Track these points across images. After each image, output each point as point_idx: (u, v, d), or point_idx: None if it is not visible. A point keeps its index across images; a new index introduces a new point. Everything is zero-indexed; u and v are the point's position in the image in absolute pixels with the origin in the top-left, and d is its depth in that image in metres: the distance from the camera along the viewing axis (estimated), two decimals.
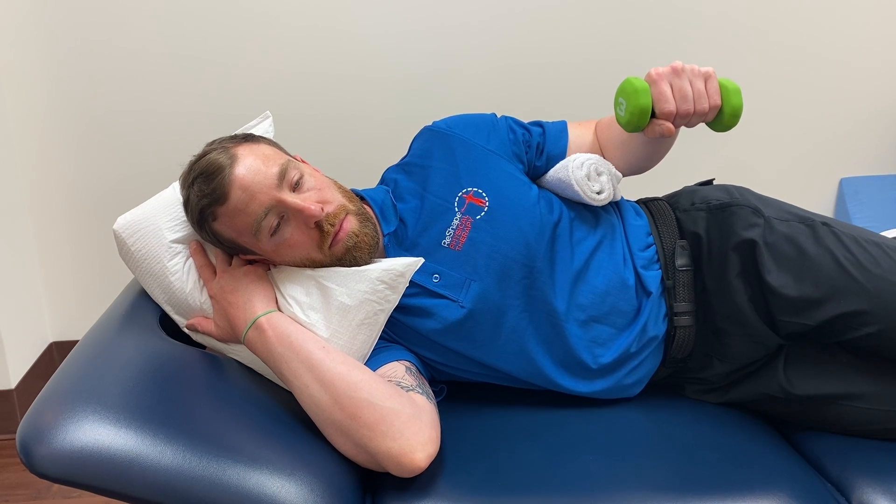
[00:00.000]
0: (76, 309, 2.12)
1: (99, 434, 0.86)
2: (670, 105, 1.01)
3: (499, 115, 1.29)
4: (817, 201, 2.24)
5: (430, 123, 1.27)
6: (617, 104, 1.05)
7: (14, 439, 1.90)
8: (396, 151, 1.34)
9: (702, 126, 1.99)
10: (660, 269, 1.19)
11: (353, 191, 1.23)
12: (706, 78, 1.02)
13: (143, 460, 0.86)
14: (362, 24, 1.89)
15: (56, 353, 2.15)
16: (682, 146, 2.05)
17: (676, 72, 1.01)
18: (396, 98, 1.97)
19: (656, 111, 1.02)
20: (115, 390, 0.93)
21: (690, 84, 1.01)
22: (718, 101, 1.02)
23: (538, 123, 1.29)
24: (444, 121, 1.26)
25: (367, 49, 1.92)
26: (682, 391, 1.23)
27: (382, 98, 1.97)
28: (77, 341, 2.07)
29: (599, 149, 1.28)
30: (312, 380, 0.99)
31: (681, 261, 1.18)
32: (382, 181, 1.28)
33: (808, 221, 1.14)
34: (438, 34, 1.92)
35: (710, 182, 1.29)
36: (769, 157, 2.16)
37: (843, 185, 2.25)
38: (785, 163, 2.18)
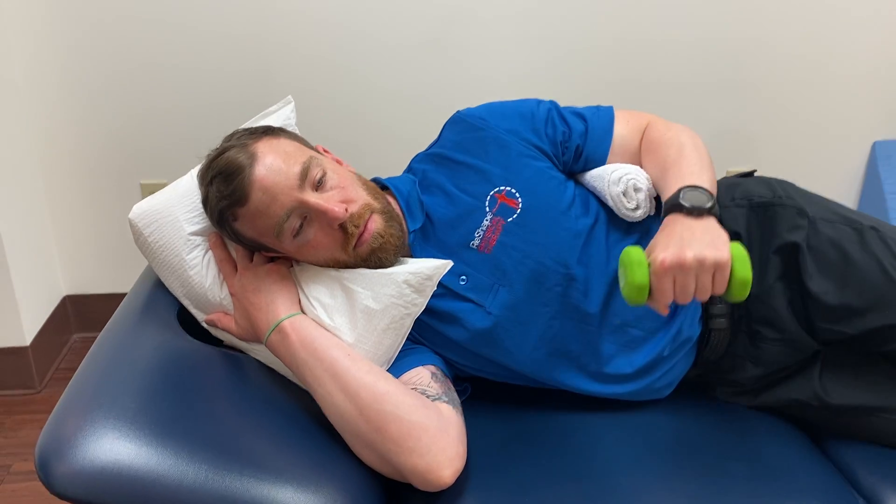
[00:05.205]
0: (89, 261, 2.11)
1: (119, 452, 0.84)
2: (667, 300, 0.91)
3: (544, 101, 1.21)
4: (848, 164, 2.20)
5: (464, 109, 1.20)
6: (619, 271, 0.96)
7: (31, 395, 1.92)
8: (423, 131, 1.29)
9: (725, 98, 1.96)
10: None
11: (378, 180, 1.18)
12: (716, 270, 0.90)
13: (165, 480, 0.84)
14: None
15: (70, 306, 2.14)
16: (715, 106, 2.02)
17: (683, 268, 0.89)
18: (420, 72, 1.94)
19: (653, 301, 0.92)
20: (135, 403, 0.90)
21: (696, 278, 0.90)
22: (722, 291, 0.91)
23: (582, 117, 1.20)
24: (479, 109, 1.19)
25: (390, 23, 1.88)
26: (712, 391, 1.20)
27: (406, 72, 1.94)
28: (91, 295, 2.08)
29: (640, 158, 1.19)
30: (337, 389, 0.96)
31: None
32: (410, 170, 1.22)
33: (855, 224, 1.08)
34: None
35: (750, 174, 1.23)
36: (800, 118, 2.10)
37: (877, 148, 2.18)
38: (816, 124, 2.12)
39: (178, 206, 1.11)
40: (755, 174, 1.23)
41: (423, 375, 1.05)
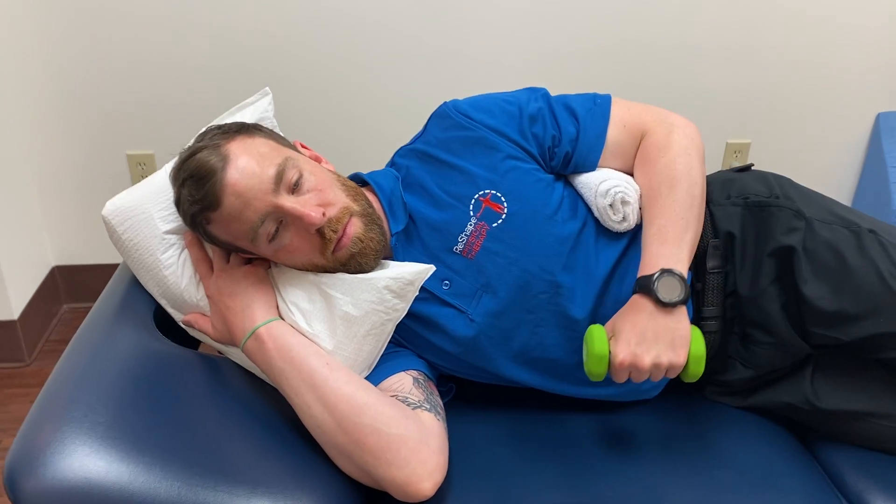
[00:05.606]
0: (77, 231, 2.09)
1: (90, 469, 0.82)
2: (621, 380, 0.98)
3: (536, 94, 1.15)
4: (851, 136, 2.17)
5: (450, 101, 1.14)
6: (583, 344, 1.01)
7: (21, 368, 1.91)
8: (411, 123, 1.25)
9: (728, 70, 1.94)
10: (689, 270, 1.10)
11: (358, 176, 1.14)
12: (669, 369, 0.96)
13: (136, 498, 0.83)
14: None
15: (59, 277, 2.12)
16: (717, 77, 1.97)
17: (639, 370, 0.95)
18: (410, 66, 1.90)
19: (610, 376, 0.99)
20: (107, 414, 0.88)
21: (650, 373, 0.97)
22: (671, 377, 0.99)
23: (575, 116, 1.12)
24: (466, 104, 1.12)
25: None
26: (700, 391, 1.18)
27: (395, 65, 1.90)
28: (80, 265, 2.06)
29: (633, 162, 1.13)
30: (315, 400, 0.94)
31: (712, 262, 1.09)
32: (393, 164, 1.17)
33: (853, 226, 1.05)
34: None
35: (748, 168, 1.18)
36: (803, 88, 2.06)
37: (881, 119, 2.14)
38: (820, 95, 2.08)
39: (152, 203, 1.07)
40: (752, 168, 1.18)
41: (405, 382, 1.02)
